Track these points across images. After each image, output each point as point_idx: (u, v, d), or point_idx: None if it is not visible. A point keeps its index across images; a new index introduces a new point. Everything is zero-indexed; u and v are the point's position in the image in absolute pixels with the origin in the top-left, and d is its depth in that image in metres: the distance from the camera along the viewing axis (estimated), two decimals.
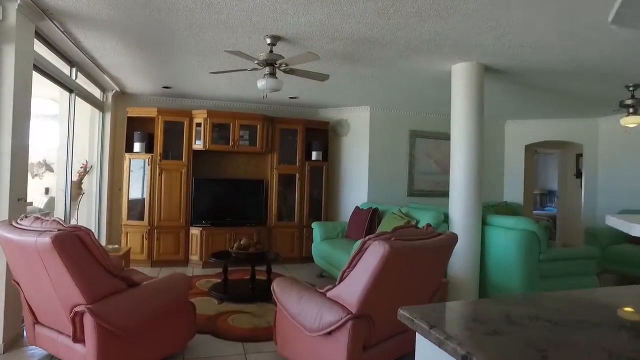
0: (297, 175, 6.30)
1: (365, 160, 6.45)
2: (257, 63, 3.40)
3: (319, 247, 5.13)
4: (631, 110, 4.70)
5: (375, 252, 2.19)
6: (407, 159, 6.66)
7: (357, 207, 5.30)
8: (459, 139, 4.01)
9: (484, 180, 7.15)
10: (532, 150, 8.05)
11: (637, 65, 3.90)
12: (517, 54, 3.70)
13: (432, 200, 6.71)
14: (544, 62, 3.90)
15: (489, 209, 6.45)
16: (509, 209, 6.33)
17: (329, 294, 2.41)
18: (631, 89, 4.65)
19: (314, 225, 5.43)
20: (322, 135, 6.63)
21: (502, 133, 7.29)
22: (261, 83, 3.43)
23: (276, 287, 2.72)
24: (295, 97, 6.03)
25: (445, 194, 6.96)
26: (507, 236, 3.69)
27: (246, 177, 6.40)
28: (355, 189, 6.54)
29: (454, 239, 2.62)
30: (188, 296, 2.88)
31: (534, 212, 9.33)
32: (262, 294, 4.26)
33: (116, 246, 4.34)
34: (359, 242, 3.88)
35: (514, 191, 7.13)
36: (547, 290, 3.79)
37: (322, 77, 3.74)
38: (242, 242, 4.31)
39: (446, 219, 4.13)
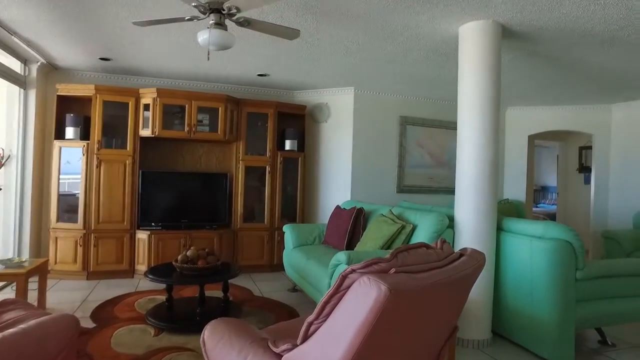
0: (268, 168, 5.32)
1: (349, 151, 5.52)
2: (196, 6, 2.41)
3: (291, 255, 4.19)
4: None
5: (365, 296, 1.26)
6: (396, 150, 5.76)
7: (337, 207, 4.37)
8: (470, 124, 3.10)
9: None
10: (533, 142, 7.26)
11: None
12: (547, 6, 2.81)
13: (425, 197, 5.83)
14: (578, 20, 3.02)
15: None
16: (512, 208, 5.50)
17: (286, 358, 1.47)
18: None
19: (285, 228, 4.48)
20: (298, 122, 5.67)
21: (503, 122, 6.45)
22: (203, 36, 2.45)
23: (208, 337, 1.76)
24: (264, 75, 5.05)
25: (439, 190, 6.21)
26: (533, 247, 2.81)
27: (206, 170, 5.40)
28: (337, 185, 5.61)
29: (481, 261, 1.70)
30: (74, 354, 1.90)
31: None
32: (214, 319, 3.29)
33: (17, 259, 3.30)
34: (337, 270, 2.92)
35: (515, 187, 6.31)
36: (587, 319, 2.94)
37: (291, 34, 2.78)
38: (188, 253, 3.33)
39: (451, 223, 3.23)
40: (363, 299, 1.26)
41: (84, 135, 4.73)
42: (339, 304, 1.35)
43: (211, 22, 2.51)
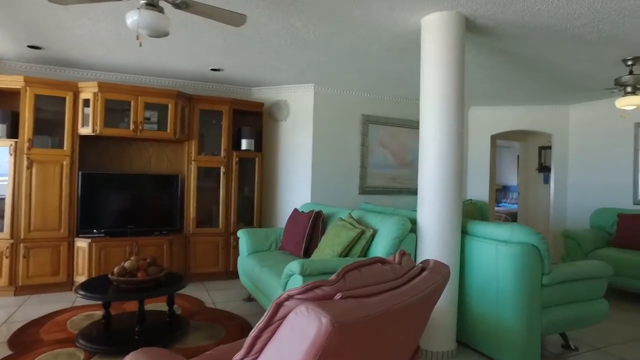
0: (223, 169, 4.99)
1: (308, 151, 5.27)
2: None
3: (245, 262, 3.89)
4: (629, 89, 3.86)
5: (302, 331, 1.00)
6: (358, 150, 5.56)
7: (295, 210, 4.11)
8: (433, 121, 2.92)
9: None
10: (496, 142, 7.27)
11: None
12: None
13: (388, 199, 5.67)
14: (542, 14, 2.91)
15: None
16: (476, 208, 5.43)
17: None
18: (630, 62, 3.81)
19: (240, 233, 4.17)
20: (255, 120, 5.37)
21: (466, 121, 6.39)
22: (132, 18, 2.12)
23: None
24: (218, 70, 4.71)
25: (402, 191, 6.07)
26: (499, 252, 2.65)
27: (157, 171, 5.00)
28: (296, 187, 5.34)
29: (445, 276, 1.48)
30: None
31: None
32: (156, 337, 2.96)
33: None
34: (291, 280, 2.60)
35: (478, 187, 6.26)
36: (553, 324, 2.81)
37: (237, 19, 2.49)
38: (126, 264, 2.97)
39: (414, 227, 3.04)
40: (300, 334, 1.01)
41: (12, 133, 4.24)
42: (272, 339, 1.09)
43: (142, 1, 2.18)
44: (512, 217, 8.36)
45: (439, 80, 2.91)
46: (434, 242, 2.85)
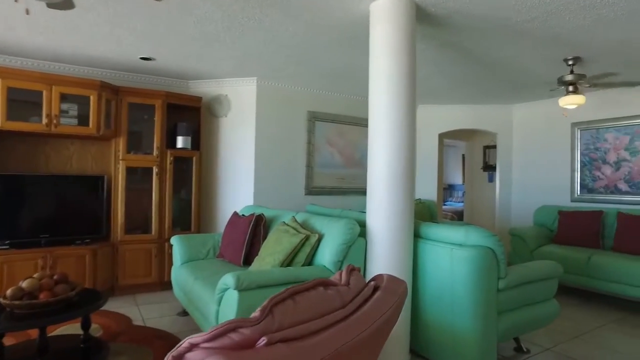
0: (155, 169, 4.50)
1: (251, 150, 4.91)
2: None
3: (178, 273, 3.48)
4: (571, 88, 3.87)
5: None
6: (304, 148, 5.27)
7: (235, 213, 3.74)
8: (382, 116, 2.69)
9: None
10: (443, 141, 7.28)
11: (581, 28, 2.99)
12: None
13: (336, 199, 5.44)
14: (493, 3, 2.77)
15: None
16: (425, 208, 5.33)
17: None
18: (570, 62, 3.82)
19: (173, 240, 3.75)
20: (193, 116, 4.92)
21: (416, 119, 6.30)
22: None
23: None
24: (149, 59, 4.23)
25: (351, 191, 5.87)
26: (453, 256, 2.46)
27: (78, 172, 4.42)
28: (238, 188, 4.96)
29: (401, 296, 1.22)
30: None
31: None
32: None
33: None
34: (225, 296, 2.40)
35: (426, 187, 6.20)
36: (508, 330, 2.67)
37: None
38: (24, 284, 2.47)
39: (363, 229, 2.79)
40: None
41: None
42: None
43: None
44: (458, 216, 8.47)
45: (389, 69, 2.68)
46: (385, 248, 2.62)
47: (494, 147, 6.90)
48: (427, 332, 2.70)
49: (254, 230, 3.37)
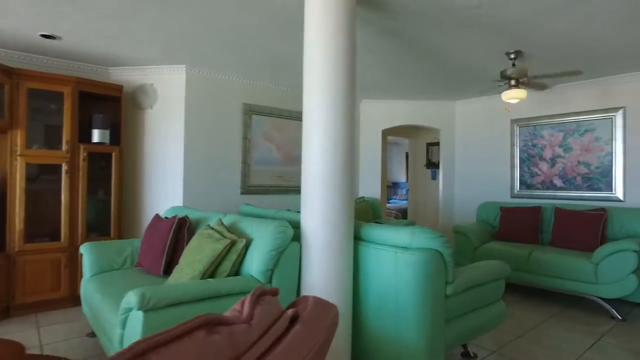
0: (65, 167, 3.91)
1: (180, 145, 4.43)
2: None
3: (87, 287, 2.97)
4: (513, 82, 3.80)
5: None
6: (240, 144, 4.87)
7: (156, 216, 3.27)
8: (318, 108, 2.38)
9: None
10: (387, 137, 7.16)
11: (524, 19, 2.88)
12: None
13: (274, 199, 5.09)
14: None
15: None
16: (368, 206, 5.13)
17: None
18: (512, 56, 3.74)
19: (82, 249, 3.22)
20: (113, 107, 4.36)
21: (357, 114, 6.11)
22: None
23: None
24: (52, 37, 3.64)
25: (290, 190, 5.53)
26: (398, 260, 2.20)
27: None
28: (166, 188, 4.47)
29: (329, 327, 0.91)
30: None
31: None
32: None
33: None
34: (130, 317, 1.89)
35: (370, 184, 6.01)
36: (456, 337, 2.46)
37: None
38: None
39: (297, 233, 2.47)
40: None
41: None
42: None
43: None
44: (402, 214, 8.43)
45: (326, 55, 2.38)
46: (322, 252, 2.31)
47: (437, 144, 6.89)
48: (370, 343, 2.43)
49: (176, 234, 2.94)
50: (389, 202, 10.61)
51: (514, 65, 3.78)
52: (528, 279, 4.21)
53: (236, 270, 2.41)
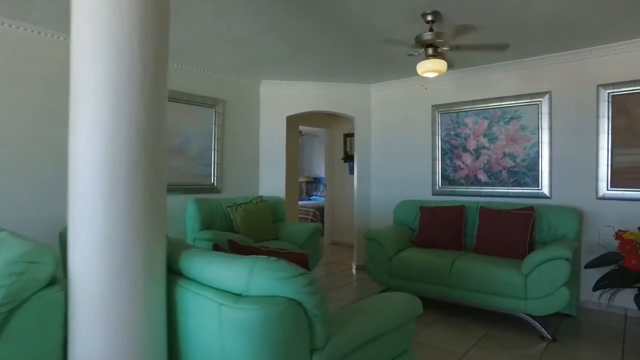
0: None
1: None
2: None
3: None
4: (430, 51, 3.01)
5: None
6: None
7: None
8: (90, 64, 1.34)
9: (230, 166, 4.79)
10: (297, 127, 6.23)
11: None
12: None
13: None
14: None
15: (235, 208, 4.13)
16: (266, 207, 4.17)
17: None
18: (429, 18, 2.94)
19: None
20: None
21: (257, 99, 5.09)
22: None
23: None
24: None
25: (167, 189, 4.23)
26: (222, 319, 1.24)
27: None
28: None
29: None
30: None
31: (300, 202, 7.71)
32: None
33: None
34: None
35: (273, 180, 5.04)
36: None
37: None
38: None
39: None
40: None
41: None
42: None
43: None
44: (320, 213, 7.59)
45: None
46: (100, 304, 1.29)
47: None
48: None
49: None
50: (309, 199, 9.74)
51: (431, 29, 2.99)
52: (450, 295, 3.50)
53: None
